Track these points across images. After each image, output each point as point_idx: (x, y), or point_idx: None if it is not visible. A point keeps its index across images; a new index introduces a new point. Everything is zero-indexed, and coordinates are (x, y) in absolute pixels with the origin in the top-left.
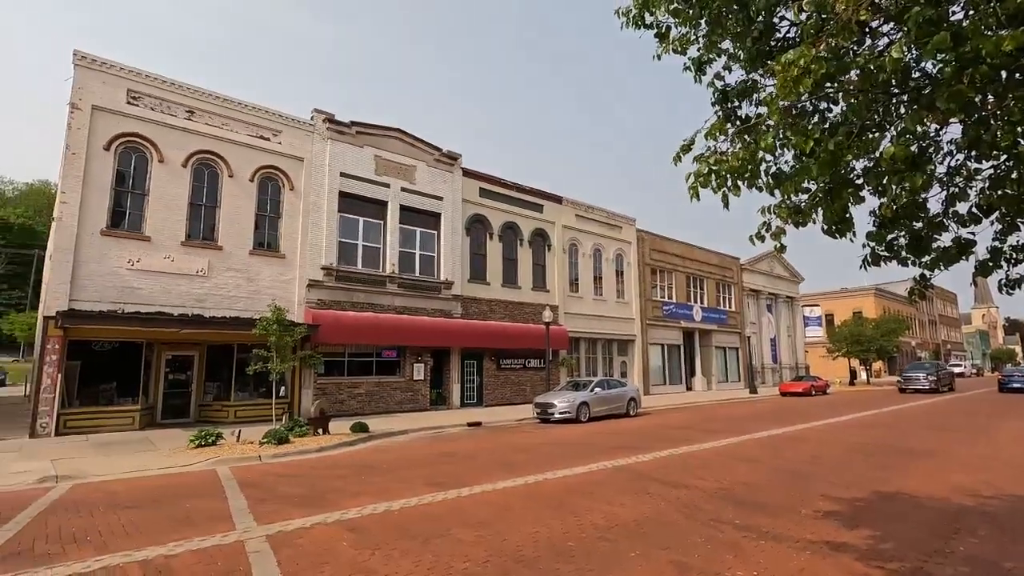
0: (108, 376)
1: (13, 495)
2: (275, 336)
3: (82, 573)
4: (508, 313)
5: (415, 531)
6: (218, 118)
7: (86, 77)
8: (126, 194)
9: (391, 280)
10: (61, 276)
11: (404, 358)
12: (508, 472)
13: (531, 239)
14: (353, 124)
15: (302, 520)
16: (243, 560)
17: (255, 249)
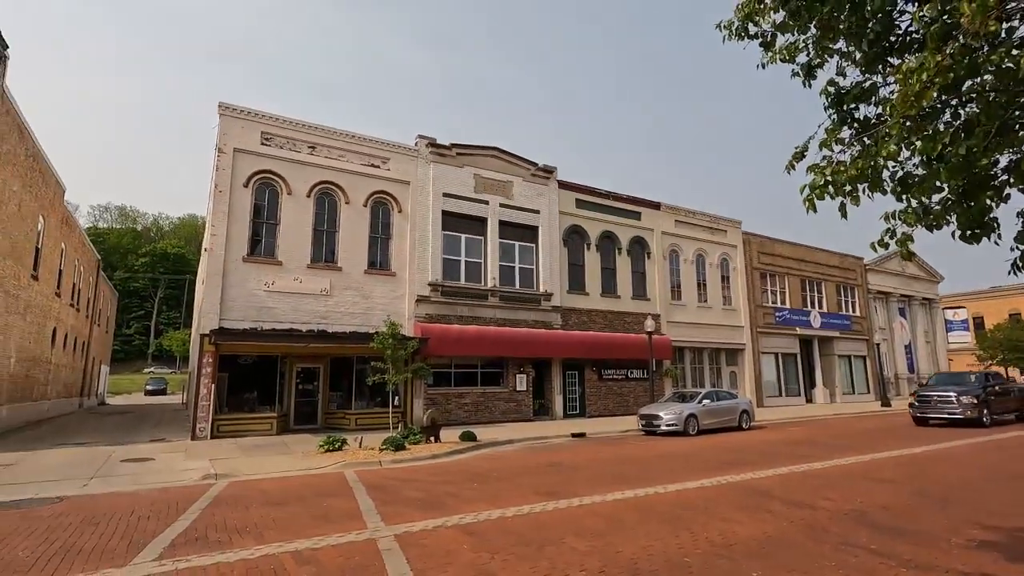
0: (250, 386)
1: (185, 489)
2: (390, 349)
3: (248, 559)
4: (608, 323)
5: (529, 538)
6: (335, 151)
7: (228, 124)
8: (262, 224)
9: (492, 293)
10: (213, 299)
11: (507, 369)
12: (616, 484)
13: (629, 247)
14: (453, 146)
15: (424, 522)
16: (376, 556)
17: (369, 269)
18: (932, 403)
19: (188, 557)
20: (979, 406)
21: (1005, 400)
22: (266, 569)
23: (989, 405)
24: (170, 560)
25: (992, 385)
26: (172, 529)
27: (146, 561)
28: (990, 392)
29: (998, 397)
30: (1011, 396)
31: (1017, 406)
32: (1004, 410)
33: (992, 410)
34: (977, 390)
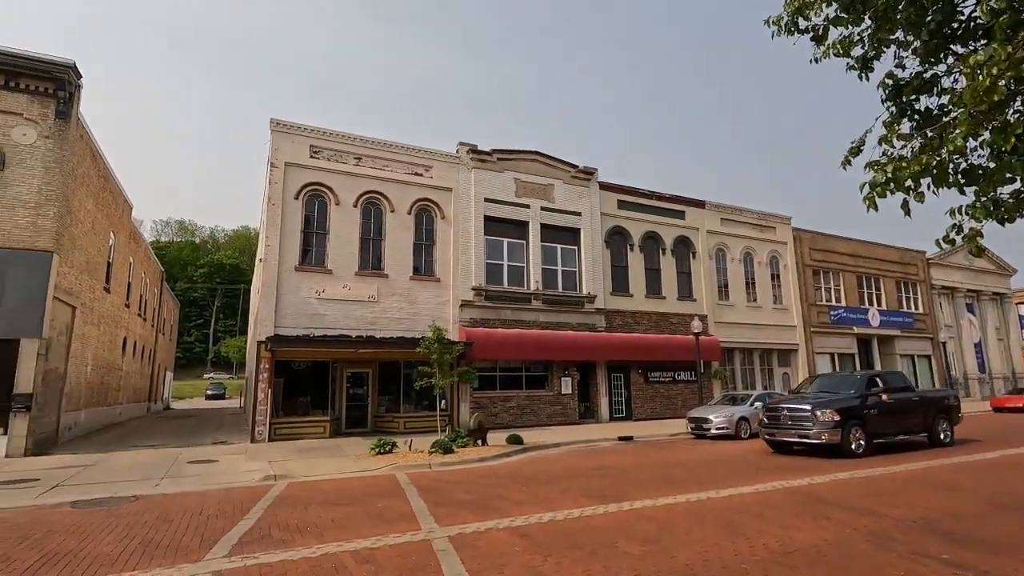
0: (304, 391)
1: (248, 489)
2: (436, 354)
3: (310, 557)
4: (653, 324)
5: (581, 541)
6: (380, 161)
7: (280, 140)
8: (312, 234)
9: (535, 297)
10: (268, 307)
11: (551, 372)
12: (667, 488)
13: (674, 247)
14: (494, 151)
15: (476, 524)
16: (432, 557)
17: (414, 275)
18: (781, 420)
19: (255, 554)
20: (842, 425)
21: (898, 415)
22: (328, 567)
23: (865, 423)
24: (239, 557)
25: (875, 393)
26: (239, 527)
27: (217, 557)
28: (870, 403)
29: (884, 411)
30: (911, 409)
31: (921, 422)
32: (896, 429)
33: (871, 430)
34: (847, 400)
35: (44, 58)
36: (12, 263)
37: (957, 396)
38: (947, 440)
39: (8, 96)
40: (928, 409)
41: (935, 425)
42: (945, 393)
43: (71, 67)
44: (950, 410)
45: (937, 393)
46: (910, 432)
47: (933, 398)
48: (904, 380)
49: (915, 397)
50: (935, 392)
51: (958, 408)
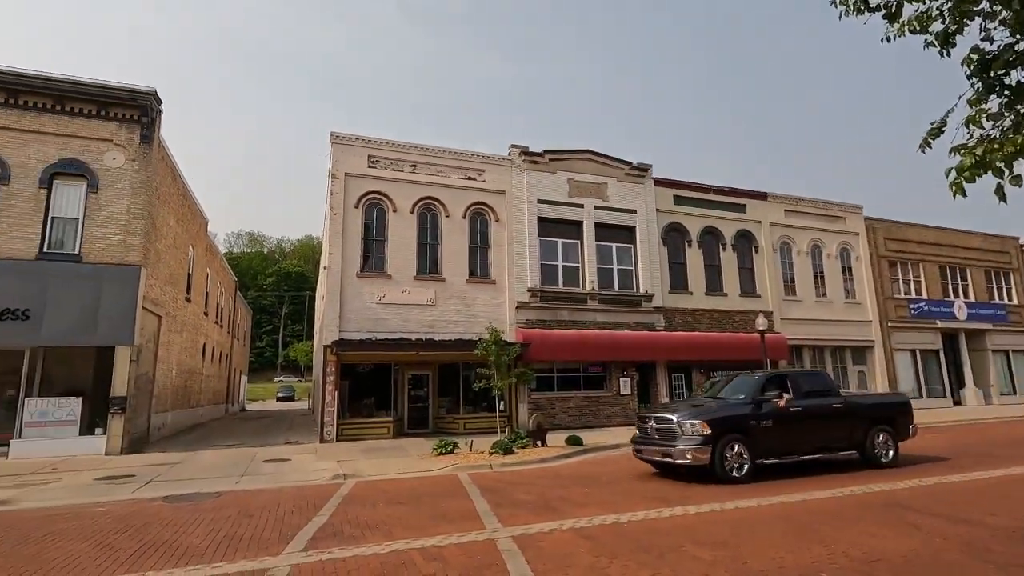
0: (368, 393)
1: (319, 488)
2: (494, 355)
3: (380, 553)
4: (715, 322)
5: (648, 544)
6: (434, 167)
7: (339, 151)
8: (371, 241)
9: (591, 297)
10: (332, 312)
11: (610, 372)
12: (736, 492)
13: (734, 242)
14: (546, 152)
15: (540, 525)
16: (497, 556)
17: (470, 278)
18: (649, 433)
19: (330, 549)
20: (714, 441)
21: (809, 427)
22: (397, 563)
23: (752, 438)
24: (315, 551)
25: (769, 399)
26: (313, 523)
27: (295, 551)
28: (764, 412)
29: (784, 422)
30: (829, 419)
31: (847, 436)
32: (806, 445)
33: (763, 447)
34: (727, 408)
35: (130, 87)
36: (107, 277)
37: (906, 403)
38: (887, 459)
39: (100, 124)
40: (859, 420)
41: (869, 440)
42: (887, 399)
43: (153, 94)
44: (893, 420)
45: (875, 399)
46: (830, 449)
47: (867, 405)
48: (824, 382)
49: (837, 404)
50: (873, 398)
51: (908, 417)
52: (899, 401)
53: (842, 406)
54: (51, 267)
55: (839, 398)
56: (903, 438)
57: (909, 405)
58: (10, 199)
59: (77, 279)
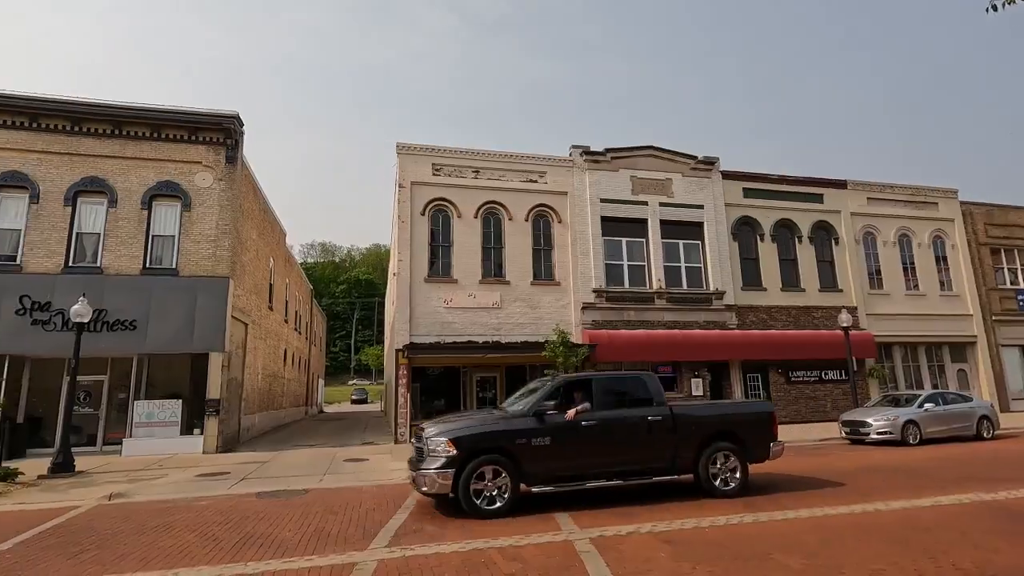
0: (438, 395)
1: (397, 487)
2: (562, 357)
3: (460, 551)
4: (792, 319)
5: (732, 550)
6: (496, 172)
7: (405, 161)
8: (438, 247)
9: (659, 296)
10: (403, 317)
11: (680, 373)
12: (822, 497)
13: (811, 234)
14: (607, 151)
15: (617, 528)
16: (575, 558)
17: (534, 280)
18: (424, 451)
19: (412, 546)
20: (460, 465)
21: (609, 445)
22: (478, 562)
23: (520, 459)
24: (398, 548)
25: (550, 410)
26: (394, 521)
27: (379, 547)
28: (544, 427)
29: (571, 439)
30: (637, 435)
31: (668, 455)
32: (603, 467)
33: (528, 472)
34: (490, 423)
35: (216, 112)
36: (200, 289)
37: (763, 414)
38: (728, 487)
39: (191, 148)
40: (688, 436)
41: (703, 461)
42: (734, 409)
43: (235, 117)
44: (741, 436)
45: (715, 409)
46: (643, 472)
47: (701, 417)
48: (642, 388)
49: (654, 416)
50: (714, 407)
51: (765, 432)
52: (752, 411)
53: (661, 419)
54: (153, 281)
55: (660, 408)
56: (758, 459)
57: (767, 416)
58: (117, 221)
59: (175, 291)
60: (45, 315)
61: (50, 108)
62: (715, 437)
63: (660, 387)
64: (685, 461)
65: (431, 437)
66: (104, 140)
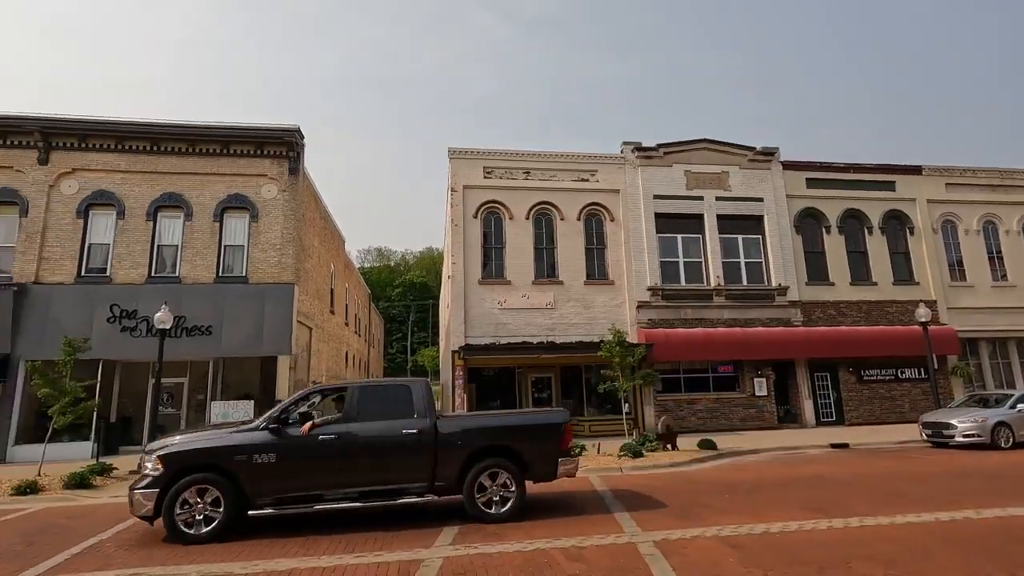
0: (493, 395)
1: None
2: (618, 357)
3: (523, 551)
4: (863, 315)
5: (805, 558)
6: (547, 172)
7: (458, 166)
8: (490, 249)
9: (717, 293)
10: (458, 319)
11: (742, 373)
12: (904, 504)
13: (883, 224)
14: (660, 146)
15: (681, 531)
16: (639, 560)
17: (588, 280)
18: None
19: (475, 545)
20: (163, 485)
21: (332, 461)
22: (541, 562)
23: (235, 479)
24: (463, 546)
25: (286, 422)
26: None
27: (443, 545)
28: (266, 441)
29: (299, 453)
30: (375, 447)
31: (424, 474)
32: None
33: (250, 492)
34: (200, 439)
35: (279, 127)
36: (268, 295)
37: (549, 425)
38: (499, 511)
39: (257, 162)
40: (452, 451)
41: (470, 480)
42: (512, 420)
43: (296, 130)
44: (518, 452)
45: (487, 421)
46: (393, 494)
47: (468, 430)
48: (402, 398)
49: (409, 430)
50: (486, 418)
51: (550, 447)
52: (534, 422)
53: (417, 432)
54: (225, 288)
55: (419, 421)
56: (542, 477)
57: (553, 428)
58: (193, 233)
59: (245, 298)
60: (132, 322)
61: (133, 130)
62: (487, 452)
63: (428, 396)
64: (447, 480)
65: (146, 453)
66: (180, 158)
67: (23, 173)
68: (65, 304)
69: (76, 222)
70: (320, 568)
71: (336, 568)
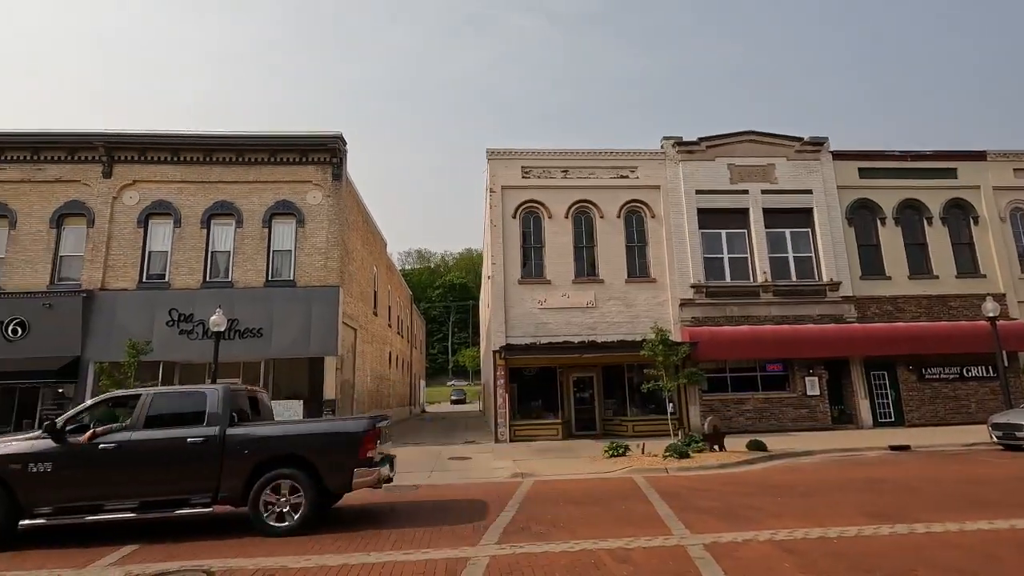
0: (535, 395)
1: (501, 485)
2: (661, 356)
3: (568, 551)
4: (924, 310)
5: (867, 565)
6: (585, 170)
7: (496, 166)
8: (529, 248)
9: (764, 289)
10: (498, 319)
11: (792, 371)
12: (974, 510)
13: (944, 214)
14: (701, 140)
15: (732, 534)
16: (690, 564)
17: (629, 278)
18: None
19: (520, 544)
20: None
21: (113, 471)
22: (587, 563)
23: (9, 488)
24: (508, 545)
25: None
26: (502, 518)
27: (490, 543)
28: (44, 450)
29: (77, 462)
30: (159, 457)
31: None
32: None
33: (23, 502)
34: None
35: (323, 133)
36: (314, 298)
37: (343, 434)
38: (285, 523)
39: (302, 168)
40: (239, 461)
41: (256, 491)
42: (305, 429)
43: (339, 137)
44: (309, 461)
45: (279, 429)
46: (174, 504)
47: (255, 439)
48: (200, 403)
49: (195, 439)
50: (280, 426)
51: (345, 456)
52: (328, 431)
53: (203, 440)
54: (274, 292)
55: (207, 428)
56: (337, 488)
57: (348, 438)
58: (243, 239)
59: (292, 301)
60: (189, 326)
61: (188, 142)
62: (276, 462)
63: (224, 403)
64: (232, 490)
65: None
66: (230, 167)
67: (89, 186)
68: (128, 309)
69: (137, 231)
70: (370, 564)
71: (386, 565)
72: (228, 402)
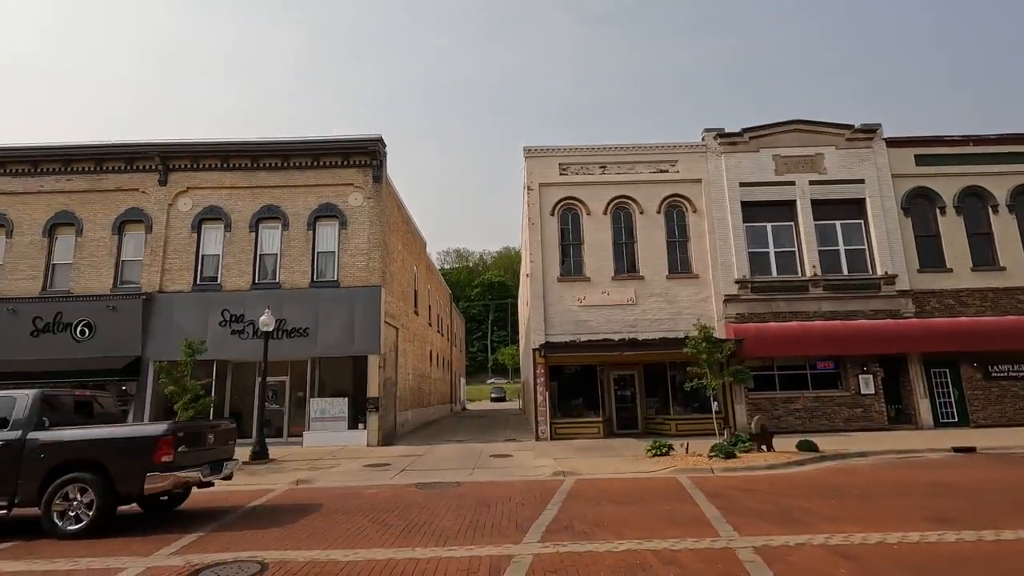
0: (576, 394)
1: (542, 483)
2: (705, 353)
3: (613, 551)
4: (989, 304)
5: (930, 572)
6: (624, 165)
7: (533, 164)
8: (568, 246)
9: (814, 284)
10: (537, 317)
11: (844, 369)
12: None
13: (1011, 201)
14: (744, 131)
15: (784, 537)
16: (739, 567)
17: (670, 274)
18: None
19: (563, 543)
20: None
21: None
22: (633, 563)
23: None
24: (551, 544)
25: None
26: (544, 516)
27: (532, 542)
28: None
29: None
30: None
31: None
32: None
33: None
34: None
35: (363, 137)
36: (357, 298)
37: (140, 439)
38: (73, 526)
39: (344, 171)
40: (32, 465)
41: (48, 495)
42: (102, 434)
43: (379, 140)
44: (100, 466)
45: (74, 435)
46: None
47: (49, 444)
48: (8, 409)
49: None
50: (77, 432)
51: (136, 463)
52: (122, 436)
53: (2, 445)
54: (319, 292)
55: (8, 434)
56: (129, 493)
57: (142, 443)
58: (290, 242)
59: (336, 301)
60: (240, 325)
61: (237, 149)
62: (71, 466)
63: (33, 408)
64: (29, 493)
65: None
66: (276, 172)
67: (147, 194)
68: (184, 310)
69: (191, 236)
70: (415, 559)
71: (431, 560)
72: (37, 408)
